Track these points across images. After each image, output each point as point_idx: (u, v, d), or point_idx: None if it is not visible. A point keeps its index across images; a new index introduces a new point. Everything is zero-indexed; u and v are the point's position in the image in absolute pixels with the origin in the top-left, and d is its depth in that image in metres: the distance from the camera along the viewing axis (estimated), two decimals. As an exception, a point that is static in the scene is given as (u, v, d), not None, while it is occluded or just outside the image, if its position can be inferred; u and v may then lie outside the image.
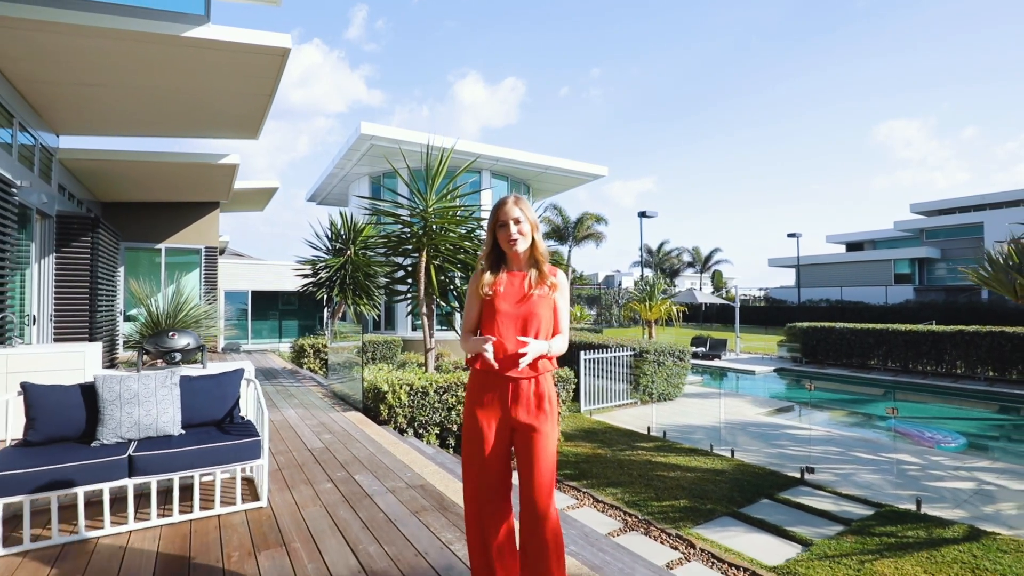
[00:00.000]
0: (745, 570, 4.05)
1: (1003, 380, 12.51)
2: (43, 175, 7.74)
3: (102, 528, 2.83)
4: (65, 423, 3.06)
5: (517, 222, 2.02)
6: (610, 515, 5.16)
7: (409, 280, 7.97)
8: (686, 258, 49.93)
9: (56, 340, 7.95)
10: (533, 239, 2.06)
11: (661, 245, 48.31)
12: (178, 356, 5.15)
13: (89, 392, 3.16)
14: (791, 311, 31.89)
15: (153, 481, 2.90)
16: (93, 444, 3.00)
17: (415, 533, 2.81)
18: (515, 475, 2.05)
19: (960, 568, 4.00)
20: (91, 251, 8.36)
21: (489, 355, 1.88)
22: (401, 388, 5.76)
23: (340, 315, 12.81)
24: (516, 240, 2.02)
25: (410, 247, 7.44)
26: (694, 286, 52.28)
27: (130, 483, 2.85)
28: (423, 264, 7.02)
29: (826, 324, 16.15)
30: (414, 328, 17.61)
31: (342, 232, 12.30)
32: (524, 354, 1.88)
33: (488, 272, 2.07)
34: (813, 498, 5.51)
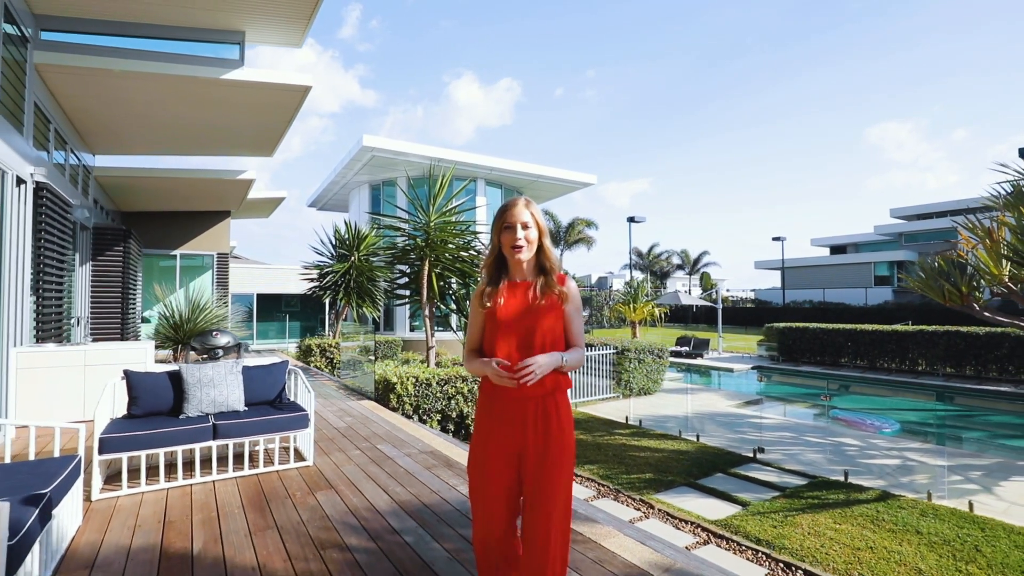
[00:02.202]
0: (692, 523, 5.00)
1: (959, 376, 13.56)
2: (83, 192, 8.61)
3: (193, 478, 3.75)
4: (158, 401, 3.97)
5: (525, 227, 1.85)
6: (586, 486, 6.11)
7: (411, 286, 8.90)
8: (675, 260, 51.09)
9: (93, 340, 8.81)
10: (542, 245, 1.89)
11: (651, 248, 49.46)
12: (220, 352, 6.08)
13: (175, 377, 4.08)
14: (776, 312, 33.03)
15: (230, 444, 3.82)
16: (180, 417, 3.92)
17: (429, 480, 3.76)
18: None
19: (863, 519, 4.98)
20: (123, 260, 9.24)
21: (497, 376, 1.76)
22: (408, 380, 6.69)
23: (343, 317, 13.72)
24: (521, 247, 1.84)
25: (413, 256, 8.37)
26: (684, 287, 53.44)
27: (214, 444, 3.77)
28: (426, 272, 7.95)
29: (800, 324, 17.19)
30: (412, 329, 18.52)
31: (346, 239, 13.23)
32: (529, 372, 1.70)
33: (489, 284, 1.92)
34: (760, 472, 6.48)
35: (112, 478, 3.78)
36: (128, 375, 3.96)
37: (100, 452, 3.38)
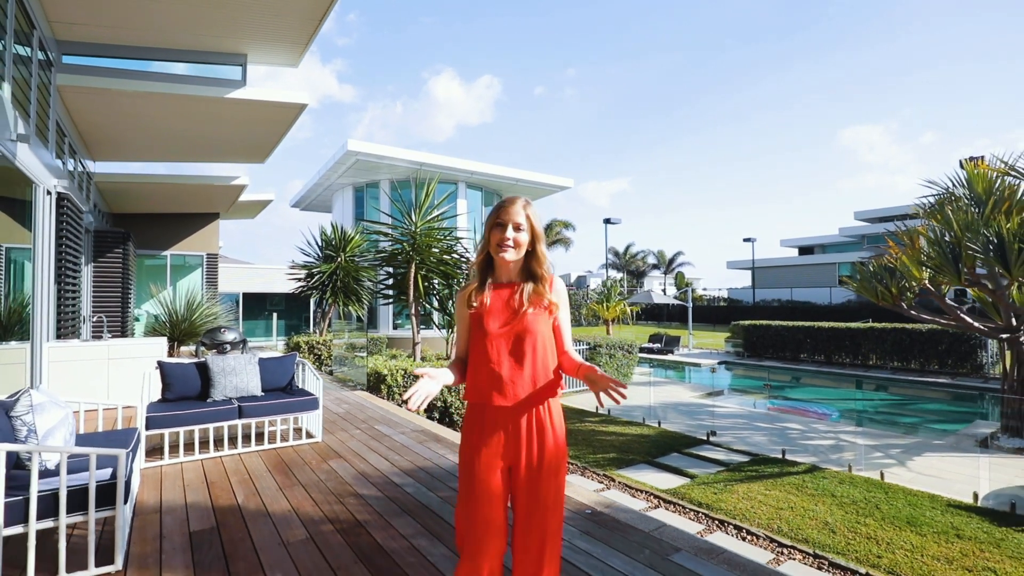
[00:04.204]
0: (646, 492, 5.82)
1: (905, 369, 14.74)
2: (86, 197, 9.10)
3: (223, 451, 4.42)
4: (188, 387, 4.63)
5: (517, 228, 1.79)
6: (557, 464, 6.90)
7: (397, 286, 9.58)
8: (651, 260, 52.45)
9: (93, 337, 9.30)
10: (535, 251, 1.83)
11: (627, 248, 50.70)
12: (228, 347, 6.71)
13: (201, 367, 4.74)
14: (746, 310, 34.40)
15: (252, 423, 4.51)
16: (208, 401, 4.59)
17: (422, 451, 4.50)
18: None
19: (790, 487, 5.86)
20: (123, 261, 9.74)
21: (411, 402, 1.66)
22: (397, 372, 7.39)
23: (330, 315, 14.31)
24: (507, 248, 1.78)
25: (400, 259, 9.07)
26: (660, 286, 54.84)
27: (239, 423, 4.45)
28: (412, 274, 8.65)
29: (763, 322, 18.29)
30: (396, 327, 19.14)
31: (333, 241, 13.82)
32: (622, 394, 1.69)
33: (475, 286, 1.86)
34: (711, 452, 7.34)
35: (151, 452, 4.43)
36: (162, 365, 4.61)
37: (147, 428, 4.04)
